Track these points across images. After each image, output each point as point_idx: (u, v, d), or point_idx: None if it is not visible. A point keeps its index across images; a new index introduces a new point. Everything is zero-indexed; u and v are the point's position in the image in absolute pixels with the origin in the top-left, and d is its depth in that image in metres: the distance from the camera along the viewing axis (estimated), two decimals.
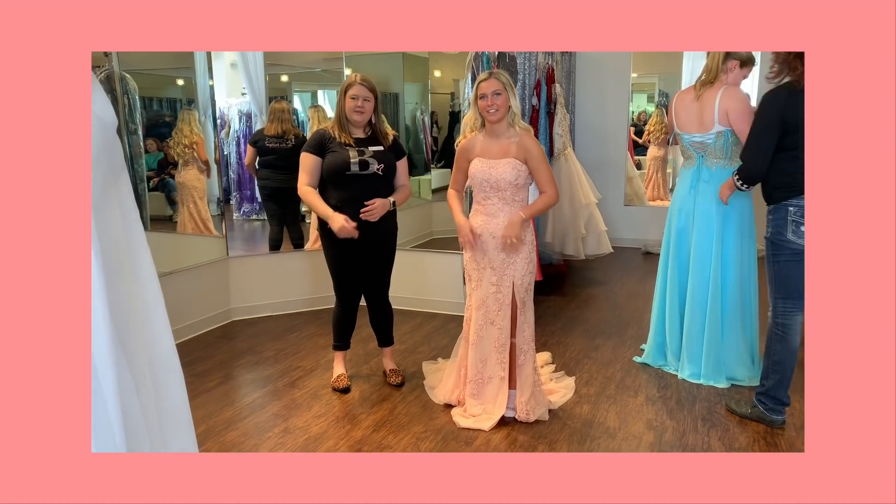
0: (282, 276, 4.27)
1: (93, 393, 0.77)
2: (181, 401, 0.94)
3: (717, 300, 2.97)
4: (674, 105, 3.04)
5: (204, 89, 4.10)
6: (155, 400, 0.88)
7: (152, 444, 0.86)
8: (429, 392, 2.97)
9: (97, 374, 0.77)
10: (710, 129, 2.88)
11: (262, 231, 5.24)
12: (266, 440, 2.59)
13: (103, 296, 0.76)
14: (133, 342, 0.83)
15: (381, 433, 2.63)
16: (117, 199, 0.85)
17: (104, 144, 0.81)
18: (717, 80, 2.87)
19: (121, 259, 0.83)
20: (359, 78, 2.80)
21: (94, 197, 0.79)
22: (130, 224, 0.87)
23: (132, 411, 0.81)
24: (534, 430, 2.62)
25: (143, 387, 0.84)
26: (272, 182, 4.43)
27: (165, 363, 0.90)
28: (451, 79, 5.64)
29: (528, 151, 2.58)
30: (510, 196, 2.60)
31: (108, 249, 0.80)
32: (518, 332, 2.66)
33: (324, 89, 5.69)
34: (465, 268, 2.77)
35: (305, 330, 3.94)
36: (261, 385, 3.15)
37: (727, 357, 3.01)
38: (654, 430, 2.61)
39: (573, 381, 3.04)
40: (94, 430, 0.77)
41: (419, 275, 4.21)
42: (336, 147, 2.79)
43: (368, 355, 3.46)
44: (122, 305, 0.81)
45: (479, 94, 2.56)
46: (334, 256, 2.92)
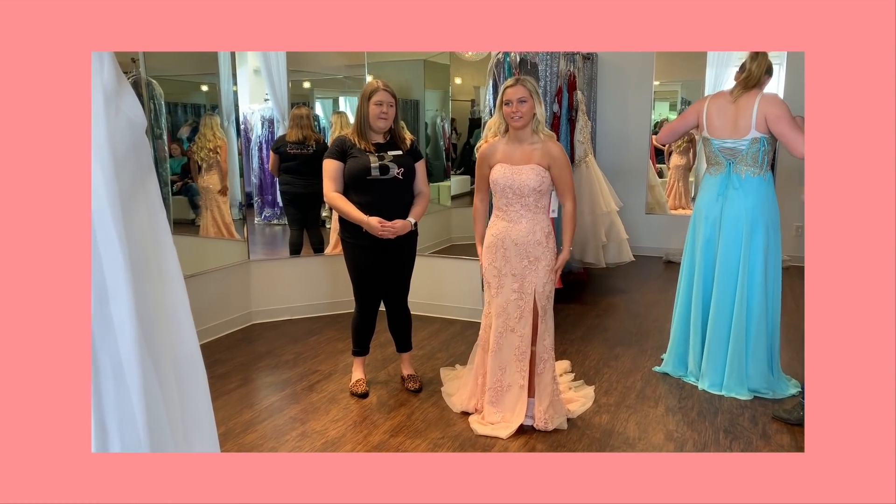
0: (301, 280, 4.30)
1: (118, 392, 0.78)
2: (204, 401, 0.95)
3: (742, 310, 2.92)
4: (704, 109, 2.98)
5: (227, 95, 4.16)
6: (179, 400, 0.88)
7: (176, 443, 0.86)
8: (446, 399, 2.96)
9: (123, 374, 0.78)
10: (746, 135, 2.84)
11: (282, 235, 5.29)
12: (284, 443, 2.60)
13: (129, 295, 0.77)
14: (158, 342, 0.84)
15: (398, 438, 2.63)
16: (145, 200, 0.86)
17: (132, 144, 0.82)
18: (757, 86, 2.84)
19: (147, 259, 0.84)
20: (382, 84, 2.82)
21: (122, 197, 0.80)
22: (157, 224, 0.88)
23: (157, 410, 0.81)
24: (552, 439, 2.59)
25: (167, 386, 0.85)
26: (293, 187, 4.47)
27: (190, 363, 0.91)
28: (472, 86, 5.65)
29: (552, 157, 2.57)
30: (533, 203, 2.59)
31: (135, 249, 0.81)
32: (539, 341, 2.63)
33: (345, 95, 5.73)
34: (483, 275, 2.75)
35: (324, 334, 3.95)
36: (279, 388, 3.17)
37: (751, 368, 2.96)
38: (675, 442, 2.57)
39: (592, 391, 3.01)
40: (120, 430, 0.78)
41: (437, 281, 4.21)
42: (356, 153, 2.81)
43: (386, 360, 3.46)
44: (148, 305, 0.82)
45: (504, 100, 2.55)
46: (355, 262, 2.93)
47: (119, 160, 0.79)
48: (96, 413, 0.77)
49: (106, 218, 0.76)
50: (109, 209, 0.76)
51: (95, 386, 0.76)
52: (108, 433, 0.79)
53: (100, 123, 0.76)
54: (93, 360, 0.76)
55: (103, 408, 0.78)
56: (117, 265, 0.77)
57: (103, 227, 0.76)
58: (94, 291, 0.76)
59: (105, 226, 0.76)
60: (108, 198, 0.76)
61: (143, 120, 0.87)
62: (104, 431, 0.79)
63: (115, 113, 0.79)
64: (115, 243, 0.77)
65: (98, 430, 0.78)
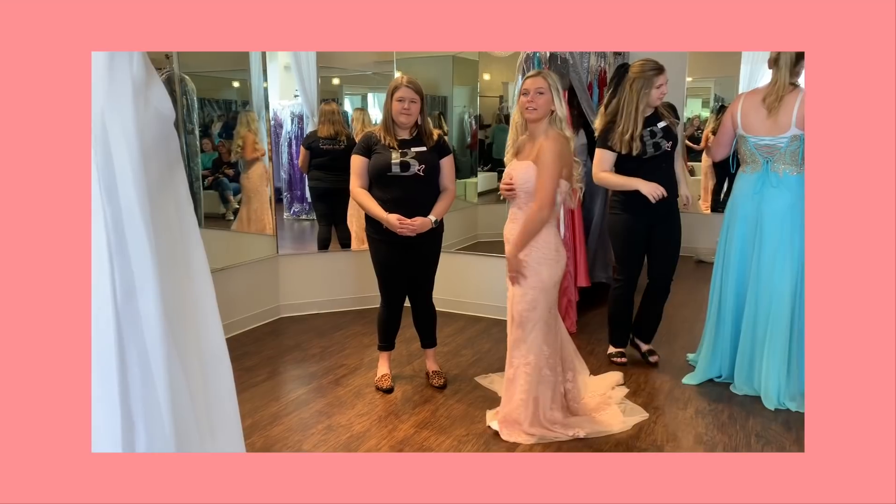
0: (329, 275, 4.33)
1: (145, 388, 0.78)
2: (230, 397, 0.95)
3: (786, 311, 2.81)
4: (739, 107, 2.91)
5: (258, 91, 4.21)
6: (204, 396, 0.88)
7: (201, 437, 0.87)
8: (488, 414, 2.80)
9: (150, 370, 0.78)
10: (785, 132, 2.77)
11: (311, 230, 5.33)
12: (309, 436, 2.62)
13: (157, 289, 0.78)
14: (185, 337, 0.84)
15: (422, 434, 2.63)
16: (173, 193, 0.86)
17: (161, 136, 0.83)
18: (793, 85, 2.77)
19: (174, 252, 0.84)
20: (405, 80, 2.81)
21: (151, 189, 0.80)
22: (185, 218, 0.88)
23: (183, 407, 0.82)
24: (579, 440, 2.56)
25: (193, 382, 0.85)
26: (323, 183, 4.50)
27: (216, 356, 0.91)
28: (500, 82, 5.61)
29: (538, 151, 2.43)
30: (523, 202, 2.50)
31: (163, 243, 0.81)
32: (513, 346, 2.57)
33: (374, 92, 5.74)
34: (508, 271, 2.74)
35: (351, 328, 3.98)
36: (306, 381, 3.19)
37: (793, 371, 2.85)
38: (705, 445, 2.52)
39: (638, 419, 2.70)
40: (147, 426, 0.78)
41: (463, 278, 4.20)
42: (380, 149, 2.82)
43: (411, 356, 3.47)
44: (175, 299, 0.83)
45: (523, 89, 2.50)
46: (379, 257, 2.94)
47: (148, 152, 0.79)
48: (123, 410, 0.78)
49: (134, 210, 0.77)
50: (137, 202, 0.77)
51: (122, 382, 0.77)
52: (134, 430, 0.80)
53: (128, 115, 0.77)
54: (119, 355, 0.77)
55: (130, 404, 0.79)
56: (145, 259, 0.77)
57: (131, 219, 0.77)
58: (121, 285, 0.77)
59: (133, 218, 0.77)
60: (136, 190, 0.77)
61: (172, 112, 0.87)
62: (131, 428, 0.79)
63: (143, 105, 0.79)
64: (143, 236, 0.77)
65: (125, 426, 0.78)
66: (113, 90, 0.75)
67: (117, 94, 0.75)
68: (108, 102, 0.75)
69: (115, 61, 0.78)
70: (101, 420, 0.77)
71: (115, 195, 0.76)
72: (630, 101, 2.95)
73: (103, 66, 0.77)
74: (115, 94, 0.75)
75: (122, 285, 0.77)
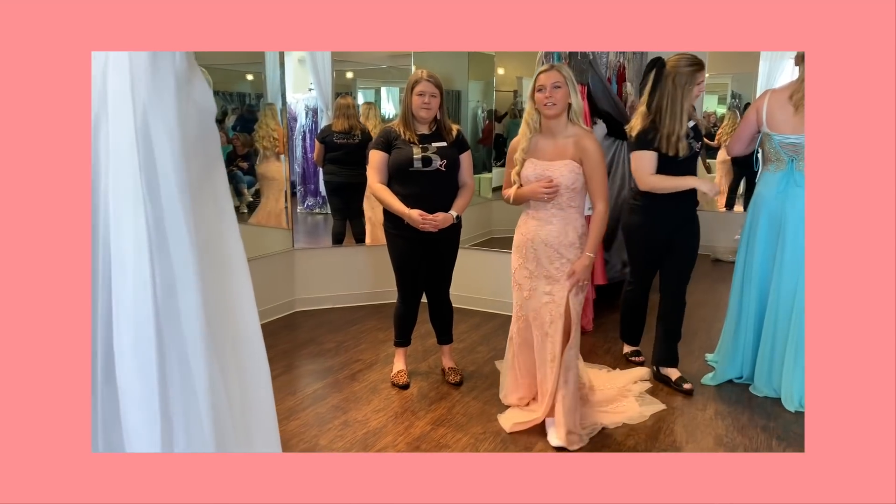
0: (344, 270, 4.33)
1: (184, 389, 0.77)
2: (267, 399, 0.94)
3: None
4: (765, 104, 2.85)
5: (272, 84, 4.20)
6: (241, 397, 0.87)
7: (237, 437, 0.85)
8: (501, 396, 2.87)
9: (190, 371, 0.77)
10: None
11: (324, 224, 5.33)
12: (326, 431, 2.62)
13: (198, 288, 0.76)
14: (223, 334, 0.83)
15: (439, 431, 2.62)
16: (212, 190, 0.85)
17: (201, 132, 0.81)
18: None
19: (214, 250, 0.83)
20: (425, 74, 2.79)
21: (192, 186, 0.78)
22: (224, 215, 0.87)
23: (220, 405, 0.80)
24: (596, 441, 2.54)
25: (231, 383, 0.84)
26: (338, 177, 4.49)
27: (253, 355, 0.90)
28: (515, 76, 5.57)
29: (585, 152, 2.40)
30: (566, 202, 2.45)
31: (202, 240, 0.80)
32: (567, 349, 2.46)
33: (387, 86, 5.72)
34: (514, 275, 2.63)
35: (366, 323, 3.97)
36: (322, 376, 3.19)
37: None
38: (725, 447, 2.49)
39: (655, 409, 2.75)
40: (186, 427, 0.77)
41: (478, 274, 4.18)
42: (401, 144, 2.80)
43: (427, 352, 3.46)
44: (215, 297, 0.81)
45: (538, 86, 2.40)
46: (398, 253, 2.93)
47: (189, 148, 0.78)
48: (162, 411, 0.76)
49: (176, 207, 0.75)
50: (179, 198, 0.75)
51: (161, 383, 0.76)
52: (173, 431, 0.78)
53: (171, 111, 0.75)
54: (159, 356, 0.76)
55: (169, 406, 0.77)
56: (186, 257, 0.75)
57: (173, 216, 0.75)
58: (161, 284, 0.75)
59: (175, 215, 0.75)
60: (178, 187, 0.75)
61: (214, 107, 0.86)
62: (170, 429, 0.78)
63: (186, 100, 0.77)
64: (185, 234, 0.75)
65: (165, 427, 0.77)
66: (156, 86, 0.73)
67: (160, 89, 0.74)
68: (150, 98, 0.73)
69: (159, 56, 0.76)
70: (140, 420, 0.76)
71: (157, 192, 0.75)
72: (675, 98, 2.76)
73: (146, 62, 0.75)
74: (159, 89, 0.74)
75: (162, 283, 0.76)
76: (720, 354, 3.15)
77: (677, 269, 3.00)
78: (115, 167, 0.74)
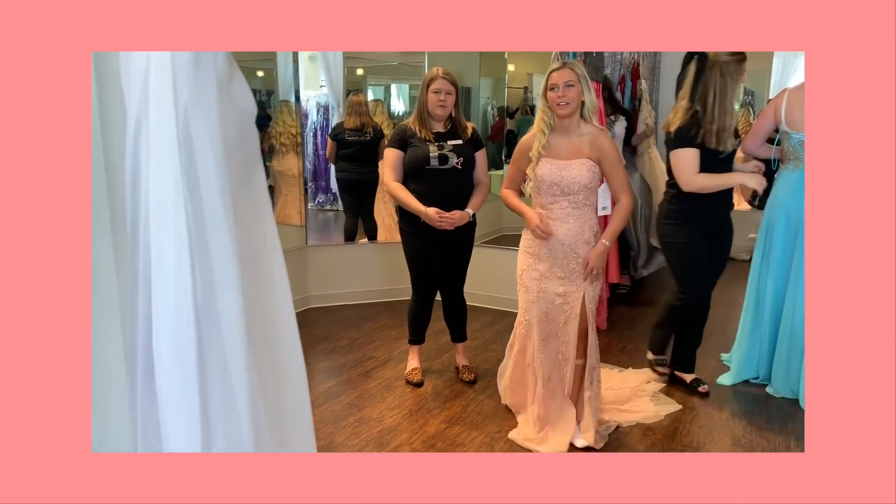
0: (356, 267, 4.33)
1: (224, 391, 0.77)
2: (303, 398, 0.93)
3: None
4: (784, 101, 2.82)
5: (284, 81, 4.20)
6: (274, 395, 0.87)
7: (272, 440, 0.85)
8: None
9: (229, 373, 0.77)
10: None
11: (335, 221, 5.33)
12: (341, 428, 2.62)
13: (239, 291, 0.76)
14: (262, 340, 0.82)
15: (454, 430, 2.61)
16: (251, 192, 0.84)
17: (241, 133, 0.81)
18: None
19: (253, 254, 0.83)
20: (441, 72, 2.79)
21: (233, 188, 0.78)
22: (263, 217, 0.86)
23: (259, 410, 0.80)
24: (611, 441, 2.53)
25: (266, 381, 0.84)
26: (350, 174, 4.49)
27: (290, 358, 0.89)
28: (525, 73, 5.55)
29: (602, 151, 2.38)
30: (582, 200, 2.40)
31: (242, 244, 0.79)
32: (589, 350, 2.43)
33: (398, 83, 5.71)
34: (520, 277, 2.55)
35: (378, 320, 3.98)
36: (336, 373, 3.20)
37: None
38: (742, 448, 2.47)
39: (671, 409, 2.74)
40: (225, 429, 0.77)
41: (488, 271, 4.17)
42: (416, 142, 2.79)
43: (440, 350, 3.46)
44: (254, 302, 0.81)
45: (550, 84, 2.35)
46: (413, 251, 2.93)
47: (230, 150, 0.77)
48: (202, 412, 0.76)
49: (217, 210, 0.75)
50: (221, 201, 0.75)
51: (202, 385, 0.76)
52: (212, 432, 0.78)
53: (212, 112, 0.75)
54: (199, 358, 0.75)
55: (209, 407, 0.77)
56: (227, 259, 0.75)
57: (214, 220, 0.75)
58: (202, 286, 0.75)
59: (216, 219, 0.75)
60: (219, 189, 0.75)
61: (254, 108, 0.85)
62: (209, 430, 0.78)
63: (227, 101, 0.77)
64: (226, 237, 0.75)
65: (204, 429, 0.77)
66: (198, 87, 0.73)
67: (202, 90, 0.73)
68: (192, 99, 0.73)
69: (201, 56, 0.76)
70: (179, 422, 0.76)
71: (198, 194, 0.75)
72: (724, 91, 2.57)
73: (188, 62, 0.74)
74: (201, 90, 0.73)
75: (202, 286, 0.75)
76: (736, 354, 3.13)
77: (710, 274, 2.87)
78: (155, 169, 0.74)
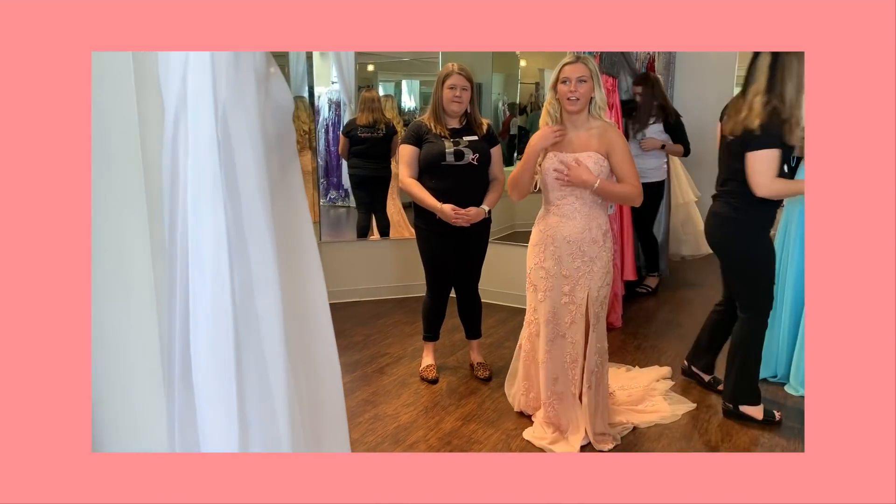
0: (369, 263, 4.34)
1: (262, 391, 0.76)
2: (338, 398, 0.93)
3: None
4: None
5: (296, 77, 4.20)
6: (309, 395, 0.86)
7: (306, 441, 0.85)
8: None
9: (266, 373, 0.76)
10: None
11: (346, 217, 5.33)
12: (357, 425, 2.62)
13: (277, 290, 0.75)
14: (299, 339, 0.82)
15: (470, 427, 2.61)
16: (288, 190, 0.84)
17: (279, 130, 0.80)
18: None
19: (290, 253, 0.82)
20: (456, 67, 2.78)
21: (271, 185, 0.78)
22: (300, 214, 0.86)
23: (295, 407, 0.80)
24: (627, 440, 2.52)
25: (300, 380, 0.83)
26: (362, 170, 4.49)
27: (326, 358, 0.89)
28: (536, 68, 5.52)
29: (611, 144, 2.32)
30: (590, 196, 2.35)
31: (280, 241, 0.79)
32: (589, 354, 2.38)
33: (409, 79, 5.70)
34: (529, 276, 2.51)
35: (392, 317, 3.98)
36: (350, 369, 3.20)
37: None
38: (762, 448, 2.45)
39: (686, 408, 2.70)
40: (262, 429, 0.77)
41: (500, 268, 4.15)
42: (432, 138, 2.78)
43: (454, 347, 3.45)
44: (292, 301, 0.80)
45: (562, 77, 2.30)
46: (428, 248, 2.92)
47: (269, 147, 0.77)
48: (239, 412, 0.76)
49: (256, 208, 0.74)
50: (260, 199, 0.74)
51: (239, 385, 0.75)
52: (249, 432, 0.78)
53: (252, 109, 0.74)
54: (237, 357, 0.75)
55: (246, 407, 0.77)
56: (266, 258, 0.75)
57: (253, 218, 0.74)
58: (240, 285, 0.75)
59: (255, 217, 0.74)
60: (257, 186, 0.74)
61: (292, 104, 0.84)
62: (246, 430, 0.78)
63: (265, 97, 0.76)
64: (266, 236, 0.75)
65: (241, 429, 0.77)
66: (238, 84, 0.72)
67: (241, 87, 0.73)
68: (231, 96, 0.72)
69: (241, 55, 0.75)
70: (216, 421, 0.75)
71: (237, 191, 0.74)
72: (801, 85, 2.26)
73: (228, 60, 0.74)
74: (240, 87, 0.73)
75: (241, 284, 0.75)
76: None
77: None
78: (194, 166, 0.73)
